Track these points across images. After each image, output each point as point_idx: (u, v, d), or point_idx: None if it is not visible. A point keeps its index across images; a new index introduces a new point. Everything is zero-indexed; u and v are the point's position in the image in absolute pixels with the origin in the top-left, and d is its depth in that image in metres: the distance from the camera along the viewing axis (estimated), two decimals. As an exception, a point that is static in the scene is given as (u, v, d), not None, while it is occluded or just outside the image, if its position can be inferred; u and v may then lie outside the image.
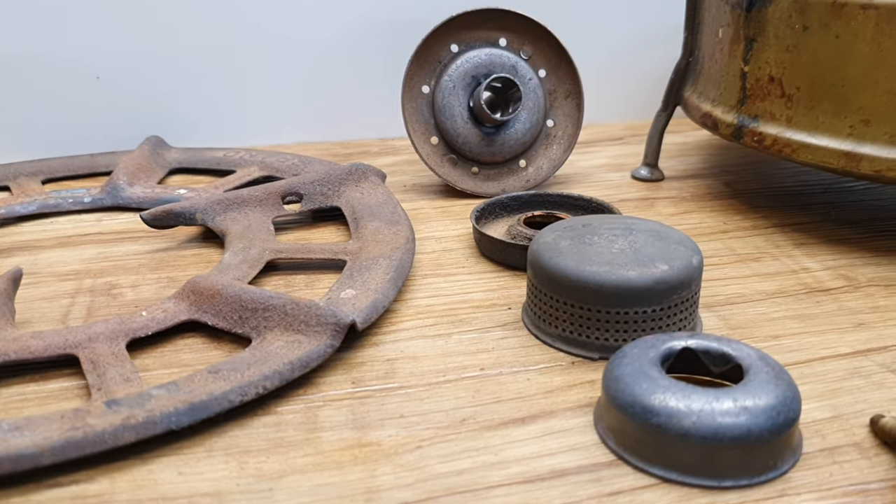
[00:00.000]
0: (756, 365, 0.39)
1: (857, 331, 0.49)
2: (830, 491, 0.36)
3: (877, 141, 0.55)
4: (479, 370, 0.46)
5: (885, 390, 0.43)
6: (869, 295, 0.53)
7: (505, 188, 0.72)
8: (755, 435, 0.36)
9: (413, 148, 0.70)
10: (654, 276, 0.45)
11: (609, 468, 0.38)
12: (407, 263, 0.55)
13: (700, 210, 0.68)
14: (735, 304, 0.53)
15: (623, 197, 0.71)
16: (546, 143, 0.74)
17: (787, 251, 0.60)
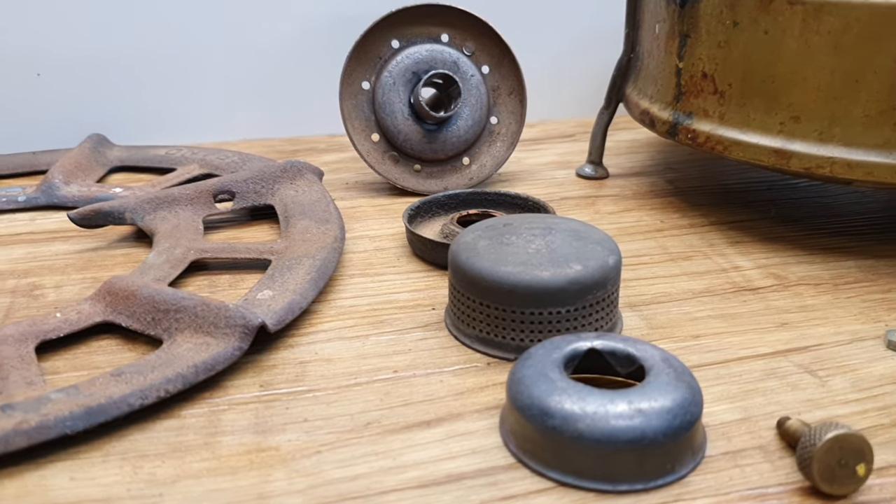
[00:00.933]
0: (658, 366, 0.39)
1: (779, 331, 0.49)
2: (727, 495, 0.36)
3: (806, 138, 0.54)
4: (392, 372, 0.45)
5: (800, 392, 0.43)
6: (797, 294, 0.53)
7: (447, 186, 0.71)
8: (649, 438, 0.35)
9: (352, 145, 0.69)
10: (567, 276, 0.45)
11: (507, 472, 0.37)
12: (331, 263, 0.54)
13: (640, 208, 0.67)
14: (660, 303, 0.52)
15: (565, 195, 0.70)
16: (490, 141, 0.73)
17: (720, 250, 0.59)
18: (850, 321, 0.49)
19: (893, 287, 0.53)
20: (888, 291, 0.53)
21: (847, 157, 0.53)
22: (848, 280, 0.54)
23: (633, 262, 0.57)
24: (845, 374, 0.44)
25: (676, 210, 0.67)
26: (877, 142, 0.52)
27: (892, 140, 0.52)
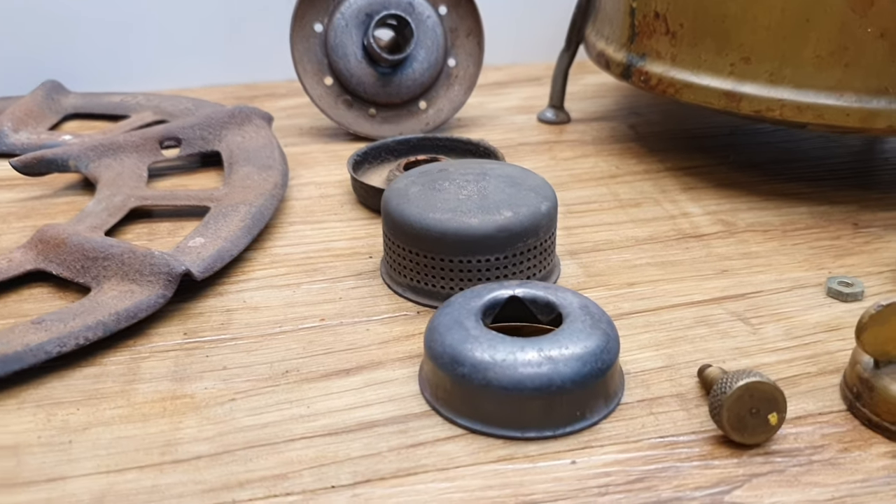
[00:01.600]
0: (574, 314, 0.38)
1: (718, 278, 0.48)
2: (637, 443, 0.35)
3: (757, 79, 0.52)
4: (318, 321, 0.45)
5: (730, 339, 0.42)
6: (743, 241, 0.52)
7: (403, 131, 0.70)
8: (557, 385, 0.35)
9: (303, 89, 0.68)
10: (496, 223, 0.44)
11: (419, 419, 0.37)
12: (268, 210, 0.53)
13: (597, 154, 0.65)
14: (601, 251, 0.51)
15: (523, 140, 0.69)
16: (447, 84, 0.71)
17: (672, 196, 0.58)
18: (793, 268, 0.48)
19: (843, 233, 0.52)
20: (837, 238, 0.52)
21: (797, 100, 0.51)
22: (798, 227, 0.53)
23: (581, 210, 0.56)
24: (779, 321, 0.43)
25: (634, 156, 0.65)
26: (828, 83, 0.50)
27: (843, 82, 0.50)
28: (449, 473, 0.34)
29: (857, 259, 0.49)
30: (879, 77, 0.49)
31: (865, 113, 0.50)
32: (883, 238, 0.51)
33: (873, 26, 0.48)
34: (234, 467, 0.35)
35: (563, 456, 0.35)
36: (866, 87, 0.50)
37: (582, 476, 0.34)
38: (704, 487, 0.33)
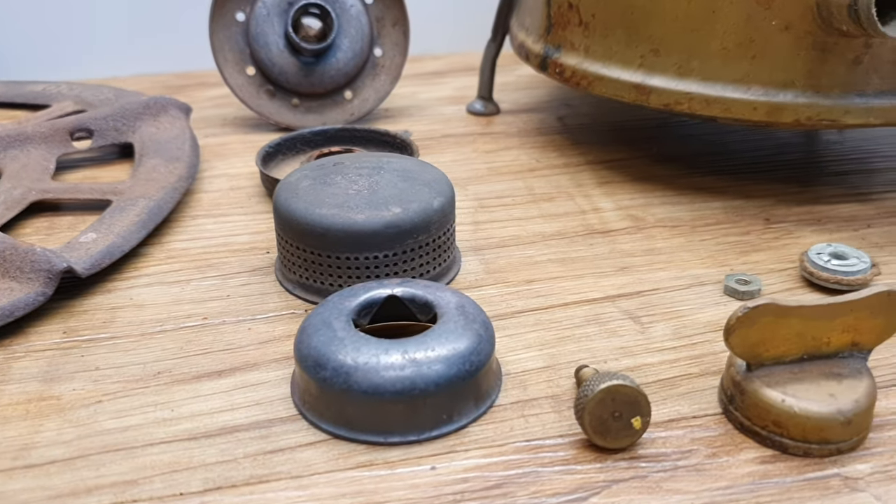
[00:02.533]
0: (448, 314, 0.37)
1: (617, 275, 0.47)
2: (502, 447, 0.34)
3: (666, 72, 0.51)
4: (202, 319, 0.43)
5: (616, 339, 0.41)
6: (650, 237, 0.51)
7: (326, 121, 0.68)
8: (420, 389, 0.34)
9: (223, 79, 0.66)
10: (384, 219, 0.43)
11: (284, 424, 0.36)
12: (167, 204, 0.52)
13: (520, 146, 0.64)
14: (505, 246, 0.50)
15: (448, 132, 0.67)
16: (373, 74, 0.70)
17: (587, 190, 0.57)
18: (695, 265, 0.48)
19: (754, 229, 0.51)
20: (746, 234, 0.51)
21: (705, 93, 0.50)
22: (708, 222, 0.52)
23: (494, 204, 0.55)
24: (670, 320, 0.43)
25: (557, 148, 0.64)
26: (734, 76, 0.49)
27: (750, 74, 0.49)
28: (303, 481, 0.33)
29: (763, 255, 0.48)
30: (786, 70, 0.48)
31: (772, 106, 0.49)
32: (793, 234, 0.51)
33: (777, 19, 0.47)
34: (85, 472, 0.33)
35: (425, 461, 0.34)
36: (773, 81, 0.49)
37: (439, 483, 0.33)
38: (562, 494, 0.32)
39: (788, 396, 0.34)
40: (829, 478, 0.33)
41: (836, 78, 0.48)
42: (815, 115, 0.49)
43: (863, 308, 0.34)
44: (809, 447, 0.34)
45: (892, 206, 0.54)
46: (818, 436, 0.33)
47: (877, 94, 0.48)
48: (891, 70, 0.48)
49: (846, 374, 0.35)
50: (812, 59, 0.48)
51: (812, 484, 0.32)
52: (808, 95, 0.49)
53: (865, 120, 0.49)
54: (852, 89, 0.48)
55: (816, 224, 0.52)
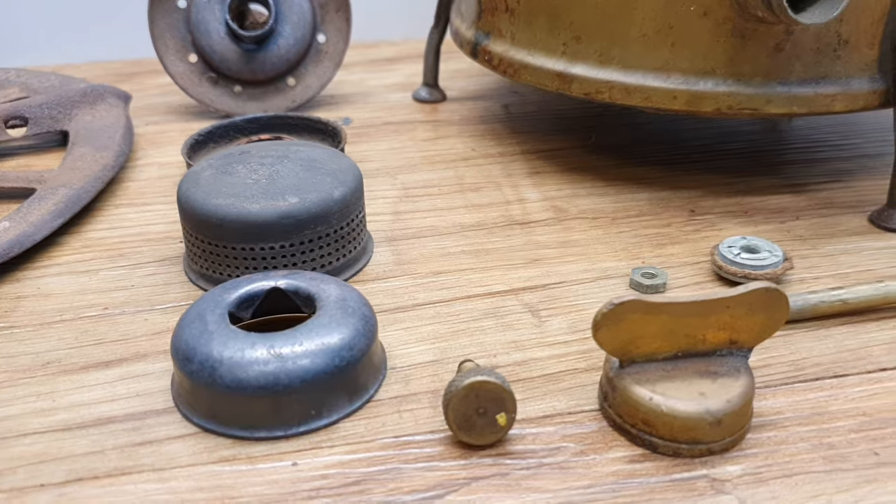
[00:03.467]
0: (326, 308, 0.37)
1: (527, 267, 0.46)
2: (369, 443, 0.34)
3: (587, 60, 0.50)
4: (102, 309, 0.43)
5: (511, 332, 0.41)
6: (568, 228, 0.50)
7: (268, 108, 0.68)
8: (284, 384, 0.33)
9: (163, 67, 0.66)
10: (279, 210, 0.42)
11: (159, 416, 0.36)
12: (88, 193, 0.52)
13: (459, 135, 0.63)
14: (422, 237, 0.49)
15: (389, 119, 0.67)
16: (317, 60, 0.69)
17: (516, 180, 0.56)
18: (607, 258, 0.47)
19: (676, 221, 0.50)
20: (667, 226, 0.50)
21: (625, 81, 0.49)
22: (630, 214, 0.51)
23: (420, 194, 0.55)
24: (569, 314, 0.42)
25: (496, 137, 0.63)
26: (655, 64, 0.48)
27: (670, 62, 0.48)
28: (164, 474, 0.33)
29: (680, 248, 0.47)
30: (706, 58, 0.47)
31: (692, 95, 0.48)
32: (715, 226, 0.50)
33: (695, 4, 0.46)
34: (-48, 464, 0.34)
35: (288, 457, 0.33)
36: (693, 69, 0.48)
37: (298, 479, 0.32)
38: (420, 491, 0.32)
39: (657, 395, 0.33)
40: (696, 479, 0.32)
41: (758, 65, 0.47)
42: (736, 103, 0.47)
43: (739, 305, 0.33)
44: (679, 447, 0.33)
45: (826, 198, 0.53)
46: (687, 435, 0.33)
47: (800, 82, 0.47)
48: (814, 57, 0.47)
49: (723, 372, 0.34)
50: (732, 46, 0.47)
51: (677, 485, 0.32)
52: (729, 84, 0.47)
53: (788, 109, 0.47)
54: (774, 77, 0.47)
55: (743, 216, 0.51)
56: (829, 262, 0.46)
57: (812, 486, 0.32)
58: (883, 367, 0.38)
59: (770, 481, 0.32)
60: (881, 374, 0.37)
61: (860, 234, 0.49)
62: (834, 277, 0.44)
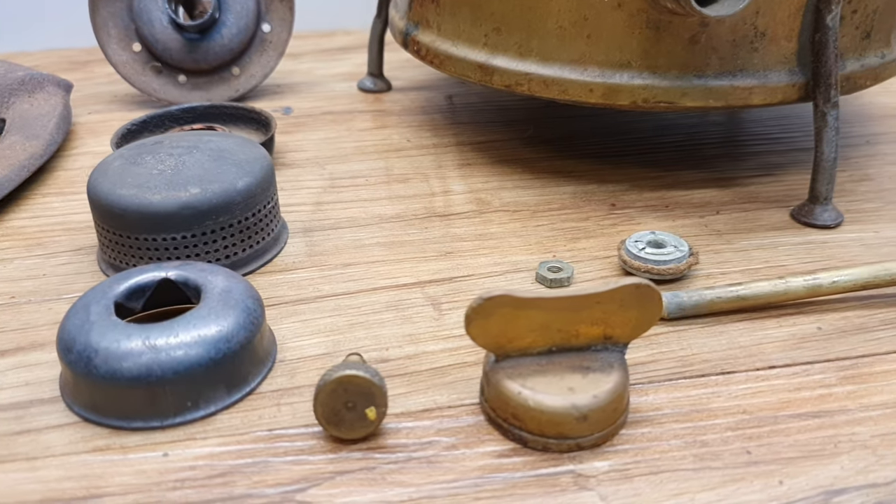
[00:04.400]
0: (209, 299, 0.36)
1: (438, 260, 0.46)
2: (243, 436, 0.34)
3: (507, 52, 0.50)
4: (9, 298, 0.43)
5: (409, 325, 0.41)
6: (487, 221, 0.50)
7: (212, 98, 0.68)
8: (157, 376, 0.34)
9: (104, 56, 0.66)
10: (179, 200, 0.42)
11: (43, 406, 0.36)
12: (11, 183, 0.52)
13: (398, 125, 0.63)
14: (339, 228, 0.49)
15: (330, 109, 0.66)
16: (261, 50, 0.69)
17: (445, 172, 0.56)
18: (519, 251, 0.47)
19: (595, 215, 0.50)
20: (586, 219, 0.50)
21: (543, 74, 0.49)
22: (552, 207, 0.51)
23: (346, 184, 0.54)
24: (470, 307, 0.42)
25: (433, 128, 0.63)
26: (571, 56, 0.48)
27: (587, 55, 0.48)
28: (36, 463, 0.33)
29: (594, 242, 0.47)
30: (621, 50, 0.47)
31: (608, 88, 0.47)
32: (633, 220, 0.49)
33: (609, -4, 0.46)
34: None
35: (161, 448, 0.33)
36: (609, 61, 0.47)
37: (166, 469, 0.32)
38: (284, 484, 0.32)
39: (526, 389, 0.33)
40: (561, 474, 0.32)
41: (673, 58, 0.46)
42: (651, 96, 0.47)
43: (610, 301, 0.33)
44: (547, 442, 0.33)
45: (752, 192, 0.52)
46: (555, 430, 0.33)
47: (716, 75, 0.47)
48: (730, 50, 0.46)
49: (595, 367, 0.34)
50: (647, 38, 0.46)
51: (541, 480, 0.32)
52: (645, 76, 0.47)
53: (705, 102, 0.47)
54: (690, 70, 0.47)
55: (663, 210, 0.50)
56: (741, 258, 0.45)
57: (677, 485, 0.31)
58: (772, 365, 0.37)
59: (636, 478, 0.32)
60: (769, 372, 0.37)
61: (779, 229, 0.48)
62: (743, 273, 0.44)
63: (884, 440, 0.33)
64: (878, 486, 0.31)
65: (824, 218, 0.48)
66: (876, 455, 0.33)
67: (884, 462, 0.32)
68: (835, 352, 0.38)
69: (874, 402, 0.35)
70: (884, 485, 0.31)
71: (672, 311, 0.40)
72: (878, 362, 0.37)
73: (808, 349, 0.38)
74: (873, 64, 0.49)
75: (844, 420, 0.34)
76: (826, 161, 0.47)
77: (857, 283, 0.41)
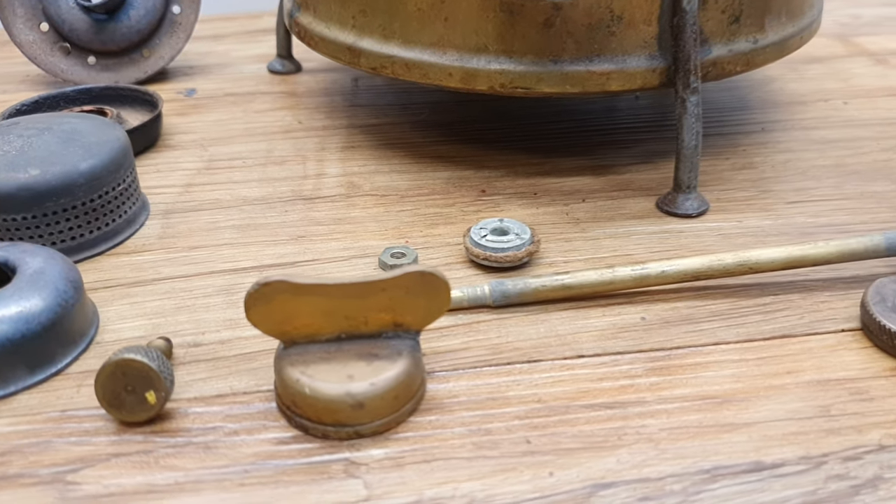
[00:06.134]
0: (17, 280, 0.36)
1: (288, 244, 0.46)
2: (34, 416, 0.34)
3: (373, 34, 0.49)
4: None
5: (234, 310, 0.40)
6: (351, 206, 0.49)
7: (120, 79, 0.68)
8: (-54, 356, 0.34)
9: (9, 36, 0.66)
10: (17, 182, 0.42)
11: None
12: None
13: (295, 107, 0.63)
14: (200, 210, 0.49)
15: (233, 91, 0.66)
16: (171, 31, 0.68)
17: (327, 155, 0.55)
18: (374, 236, 0.46)
19: (462, 201, 0.49)
20: (451, 205, 0.49)
21: (405, 57, 0.48)
22: (422, 192, 0.51)
23: (223, 166, 0.54)
24: (303, 292, 0.42)
25: (330, 110, 0.62)
26: (430, 39, 0.47)
27: (445, 38, 0.47)
28: None
29: (452, 229, 0.47)
30: (478, 34, 0.46)
31: (466, 72, 0.47)
32: (498, 207, 0.49)
33: (462, -22, 0.45)
34: None
35: (-49, 426, 0.34)
36: (466, 45, 0.46)
37: (-52, 448, 0.33)
38: (59, 465, 0.32)
39: (305, 376, 0.33)
40: (333, 462, 0.32)
41: (529, 43, 0.45)
42: (508, 81, 0.46)
43: (395, 288, 0.33)
44: (326, 429, 0.33)
45: (626, 180, 0.51)
46: (332, 418, 0.32)
47: (573, 60, 0.46)
48: (586, 34, 0.45)
49: (383, 355, 0.33)
50: (501, 22, 0.45)
51: (311, 468, 0.32)
52: (502, 61, 0.46)
53: (562, 88, 0.46)
54: (546, 55, 0.46)
55: (531, 197, 0.50)
56: (591, 246, 0.45)
57: (446, 473, 0.31)
58: (581, 355, 0.37)
59: (407, 466, 0.32)
60: (575, 362, 0.36)
61: (640, 217, 0.47)
62: (587, 262, 0.43)
63: (671, 434, 0.33)
64: (650, 480, 0.31)
65: (686, 207, 0.47)
66: (658, 449, 0.32)
67: (663, 457, 0.32)
68: (650, 343, 0.37)
69: (674, 395, 0.35)
70: (655, 480, 0.31)
71: (497, 299, 0.40)
72: (691, 355, 0.37)
73: (624, 339, 0.38)
74: (744, 49, 0.48)
75: (637, 412, 0.34)
76: (686, 149, 0.46)
77: (688, 273, 0.40)
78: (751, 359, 0.36)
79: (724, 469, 0.31)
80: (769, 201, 0.49)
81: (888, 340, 0.36)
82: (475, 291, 0.40)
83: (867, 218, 0.47)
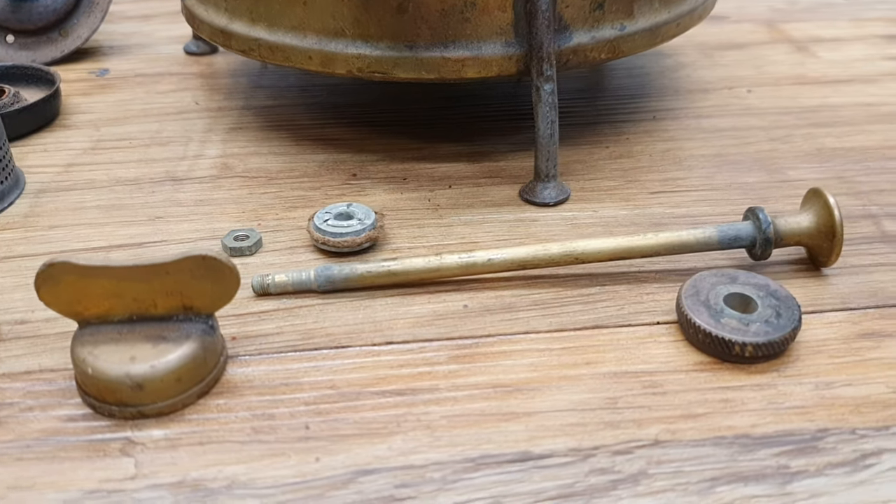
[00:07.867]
0: None
1: (142, 224, 0.46)
2: None
3: (242, 17, 0.49)
4: None
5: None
6: (218, 187, 0.49)
7: (38, 58, 0.68)
8: None
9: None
10: None
11: None
12: None
13: (198, 88, 0.63)
14: (73, 190, 0.49)
15: (145, 71, 0.66)
16: (90, 11, 0.69)
17: (211, 136, 0.55)
18: (229, 218, 0.46)
19: (330, 184, 0.49)
20: (316, 189, 0.49)
21: (269, 40, 0.48)
22: (293, 175, 0.51)
23: (109, 147, 0.55)
24: (141, 273, 0.42)
25: (230, 91, 0.62)
26: (292, 23, 0.47)
27: (305, 21, 0.47)
28: None
29: (309, 212, 0.46)
30: (335, 18, 0.46)
31: (325, 56, 0.46)
32: (363, 191, 0.49)
33: (315, -38, 0.45)
34: None
35: None
36: (325, 29, 0.46)
37: None
38: None
39: (90, 356, 0.33)
40: (113, 441, 0.32)
41: (384, 27, 0.45)
42: (365, 66, 0.46)
43: (179, 272, 0.33)
44: (111, 409, 0.33)
45: (498, 168, 0.51)
46: (114, 398, 0.33)
47: (428, 46, 0.45)
48: (440, 20, 0.45)
49: (172, 338, 0.34)
50: (356, 6, 0.45)
51: (90, 446, 0.32)
52: (358, 45, 0.46)
53: (417, 74, 0.46)
54: (401, 40, 0.45)
55: (399, 182, 0.50)
56: (442, 233, 0.45)
57: (216, 456, 0.32)
58: (390, 341, 0.37)
59: (181, 448, 0.32)
60: (382, 348, 0.37)
61: (500, 205, 0.47)
62: (432, 248, 0.43)
63: (450, 422, 0.33)
64: (414, 468, 0.31)
65: (543, 196, 0.47)
66: (432, 436, 0.32)
67: (436, 444, 0.32)
68: (463, 331, 0.37)
69: (467, 383, 0.35)
70: (419, 467, 0.31)
71: (322, 284, 0.40)
72: (500, 343, 0.37)
73: (438, 327, 0.38)
74: (609, 36, 0.47)
75: (425, 399, 0.34)
76: (542, 138, 0.46)
77: (514, 262, 0.40)
78: (555, 348, 0.36)
79: (490, 458, 0.31)
80: (632, 191, 0.48)
81: (694, 334, 0.36)
82: (300, 276, 0.40)
83: (728, 209, 0.46)
